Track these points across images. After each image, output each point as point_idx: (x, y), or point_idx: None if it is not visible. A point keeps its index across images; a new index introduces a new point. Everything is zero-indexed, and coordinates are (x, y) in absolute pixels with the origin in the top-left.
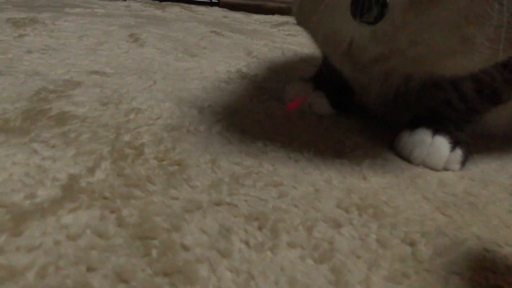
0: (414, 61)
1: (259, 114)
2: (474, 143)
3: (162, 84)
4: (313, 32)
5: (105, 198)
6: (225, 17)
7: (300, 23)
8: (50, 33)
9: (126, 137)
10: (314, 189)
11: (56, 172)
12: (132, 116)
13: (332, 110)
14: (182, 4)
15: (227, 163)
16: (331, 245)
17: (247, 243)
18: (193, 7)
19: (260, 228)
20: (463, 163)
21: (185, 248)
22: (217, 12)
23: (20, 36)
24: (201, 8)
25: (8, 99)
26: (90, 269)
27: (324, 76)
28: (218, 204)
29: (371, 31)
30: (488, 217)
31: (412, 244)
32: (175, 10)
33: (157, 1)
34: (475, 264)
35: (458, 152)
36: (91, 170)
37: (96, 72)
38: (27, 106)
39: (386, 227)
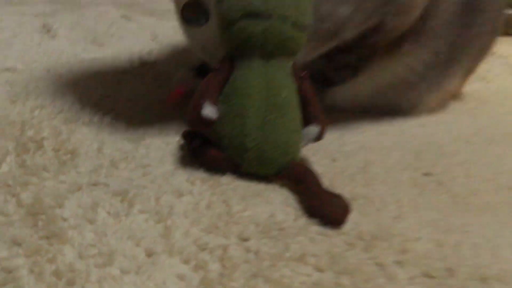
0: None
1: (150, 101)
2: None
3: (68, 77)
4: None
5: (8, 185)
6: None
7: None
8: None
9: (30, 133)
10: (174, 168)
11: None
12: (36, 112)
13: None
14: None
15: (110, 150)
16: (171, 209)
17: (109, 213)
18: None
19: (122, 201)
20: None
21: (64, 219)
22: None
23: None
24: None
25: None
26: None
27: (205, 65)
28: (95, 184)
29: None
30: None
31: (228, 203)
32: None
33: None
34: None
35: None
36: None
37: (8, 69)
38: None
39: (216, 194)
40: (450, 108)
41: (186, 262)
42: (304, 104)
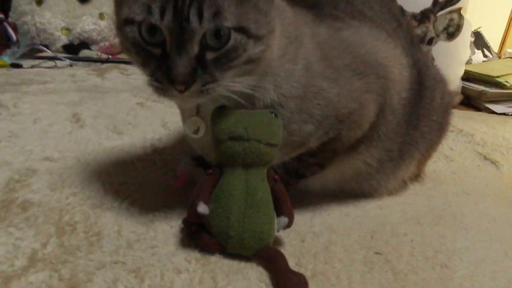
0: None
1: (159, 188)
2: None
3: (94, 165)
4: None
5: (52, 263)
6: None
7: None
8: (12, 117)
9: (66, 217)
10: (175, 248)
11: (24, 248)
12: (70, 199)
13: None
14: (120, 66)
15: (127, 232)
16: (171, 285)
17: (126, 287)
18: (129, 68)
19: (135, 277)
20: None
21: None
22: None
23: None
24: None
25: None
26: None
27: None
28: (116, 262)
29: (208, 144)
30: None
31: (215, 279)
32: (113, 75)
33: (99, 64)
34: None
35: None
36: (44, 245)
37: (47, 159)
38: (2, 196)
39: (207, 271)
40: (410, 189)
41: None
42: (276, 200)
